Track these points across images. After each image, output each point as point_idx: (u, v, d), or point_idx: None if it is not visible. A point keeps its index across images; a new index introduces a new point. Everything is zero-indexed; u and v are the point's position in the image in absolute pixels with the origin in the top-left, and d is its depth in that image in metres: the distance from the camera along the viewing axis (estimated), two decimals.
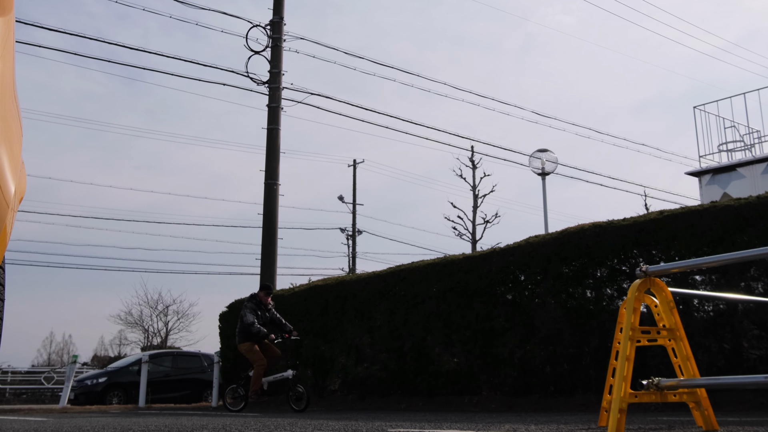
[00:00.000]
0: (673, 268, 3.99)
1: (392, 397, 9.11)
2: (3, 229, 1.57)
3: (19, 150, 1.79)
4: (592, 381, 6.95)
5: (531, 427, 4.36)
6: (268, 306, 9.13)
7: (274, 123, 15.21)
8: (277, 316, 9.15)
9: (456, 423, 5.09)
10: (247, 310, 8.89)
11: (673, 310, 3.64)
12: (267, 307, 9.10)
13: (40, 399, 22.17)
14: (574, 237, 7.43)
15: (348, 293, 10.06)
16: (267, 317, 9.04)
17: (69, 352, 43.65)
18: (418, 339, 8.84)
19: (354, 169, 32.52)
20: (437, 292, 8.76)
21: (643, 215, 7.20)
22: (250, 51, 15.25)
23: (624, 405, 3.31)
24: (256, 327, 8.69)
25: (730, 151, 13.50)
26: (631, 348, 3.44)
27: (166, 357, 16.55)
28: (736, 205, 6.37)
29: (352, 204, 32.18)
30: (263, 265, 14.71)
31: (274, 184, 15.00)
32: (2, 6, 1.54)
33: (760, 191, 7.55)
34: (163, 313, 37.64)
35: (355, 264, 31.63)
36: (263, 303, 9.08)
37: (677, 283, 6.44)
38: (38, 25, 13.35)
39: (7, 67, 1.60)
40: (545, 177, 13.71)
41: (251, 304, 8.95)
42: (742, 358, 6.15)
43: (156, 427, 5.23)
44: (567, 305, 7.35)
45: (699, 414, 3.62)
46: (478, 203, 26.03)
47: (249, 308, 8.89)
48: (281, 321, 9.12)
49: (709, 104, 13.64)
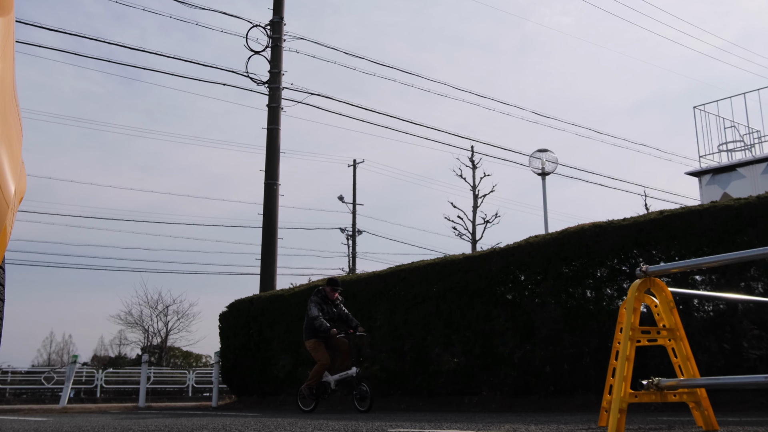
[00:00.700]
0: (673, 268, 3.99)
1: (392, 397, 9.11)
2: (3, 229, 1.57)
3: (19, 150, 1.79)
4: (592, 381, 6.95)
5: (531, 427, 4.36)
6: (335, 301, 8.67)
7: (274, 123, 15.21)
8: (345, 312, 8.68)
9: (456, 423, 5.09)
10: (311, 303, 8.50)
11: (673, 310, 3.64)
12: (334, 303, 8.65)
13: (40, 399, 22.17)
14: (574, 237, 7.43)
15: (348, 293, 10.05)
16: (334, 312, 8.58)
17: (69, 352, 43.70)
18: (418, 339, 8.84)
19: (354, 169, 32.54)
20: (437, 292, 8.76)
21: (643, 215, 7.19)
22: (250, 51, 15.26)
23: (624, 405, 3.31)
24: (320, 321, 8.23)
25: (730, 151, 13.50)
26: (631, 348, 3.44)
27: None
28: (736, 205, 6.37)
29: (352, 204, 32.21)
30: (263, 265, 14.71)
31: (274, 184, 15.00)
32: (2, 6, 1.54)
33: (760, 191, 7.55)
34: (163, 313, 37.69)
35: (355, 264, 31.65)
36: (329, 298, 8.61)
37: (677, 283, 6.44)
38: (37, 25, 13.37)
39: (7, 67, 1.60)
40: (545, 177, 13.71)
41: (316, 298, 8.54)
42: (742, 358, 6.15)
43: (156, 427, 5.23)
44: (567, 305, 7.35)
45: (699, 414, 3.62)
46: (478, 203, 26.04)
47: (314, 302, 8.49)
48: (348, 316, 8.61)
49: (709, 104, 13.65)
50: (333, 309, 8.57)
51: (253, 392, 11.77)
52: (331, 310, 8.54)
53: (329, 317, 8.42)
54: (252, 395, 11.80)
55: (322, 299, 8.54)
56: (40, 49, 19.91)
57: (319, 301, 8.50)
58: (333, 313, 8.54)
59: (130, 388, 25.00)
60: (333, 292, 8.62)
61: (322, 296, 8.57)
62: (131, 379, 26.28)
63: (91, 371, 26.78)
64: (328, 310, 8.50)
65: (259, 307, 11.76)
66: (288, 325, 10.98)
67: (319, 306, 8.44)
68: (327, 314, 8.43)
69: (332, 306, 8.59)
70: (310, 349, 8.41)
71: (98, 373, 24.80)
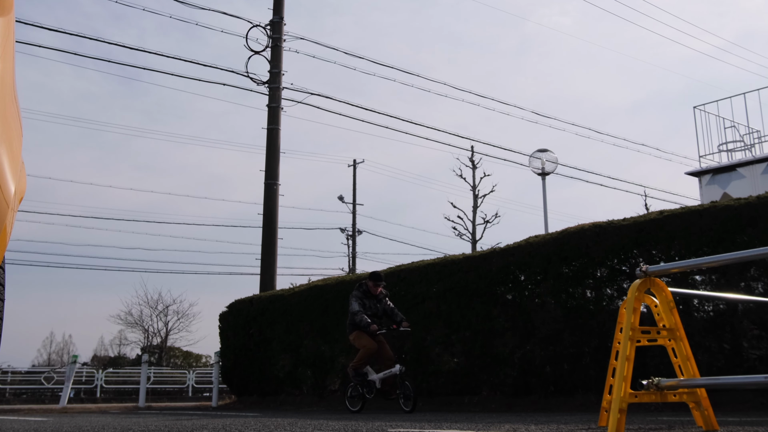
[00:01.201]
0: (673, 268, 3.99)
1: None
2: (3, 229, 1.57)
3: (19, 150, 1.79)
4: (592, 381, 6.95)
5: (531, 427, 4.36)
6: (378, 296, 8.21)
7: (274, 123, 15.21)
8: (390, 306, 8.22)
9: (456, 423, 5.09)
10: (352, 298, 8.15)
11: (673, 310, 3.64)
12: (378, 298, 8.20)
13: (40, 399, 22.17)
14: (574, 237, 7.43)
15: (348, 293, 10.05)
16: (377, 308, 8.15)
17: (69, 352, 43.73)
18: (418, 339, 8.83)
19: (354, 169, 32.54)
20: (437, 292, 8.76)
21: (643, 215, 7.19)
22: (250, 51, 15.26)
23: (624, 405, 3.31)
24: (360, 316, 7.87)
25: (730, 151, 13.50)
26: (631, 348, 3.44)
27: None
28: (736, 205, 6.37)
29: (352, 204, 32.20)
30: (263, 265, 14.71)
31: (274, 184, 15.00)
32: (2, 6, 1.54)
33: (760, 191, 7.55)
34: (163, 313, 37.70)
35: (355, 264, 31.65)
36: (372, 293, 8.17)
37: (677, 283, 6.44)
38: (36, 25, 13.36)
39: (7, 67, 1.60)
40: (545, 177, 13.71)
41: (358, 293, 8.16)
42: (742, 358, 6.15)
43: (156, 427, 5.23)
44: (567, 305, 7.35)
45: (699, 414, 3.62)
46: (478, 203, 26.04)
47: (355, 297, 8.13)
48: (393, 311, 8.15)
49: (709, 104, 13.65)
50: (376, 304, 8.18)
51: (253, 392, 11.77)
52: (374, 305, 8.16)
53: (372, 313, 8.07)
54: (252, 395, 11.80)
55: (363, 294, 8.17)
56: (38, 49, 19.92)
57: (360, 296, 8.14)
58: (376, 308, 8.15)
59: (130, 388, 25.00)
60: (375, 286, 8.18)
61: (363, 291, 8.19)
62: (131, 379, 26.29)
63: (91, 371, 26.78)
64: (371, 305, 8.12)
65: (259, 307, 11.76)
66: (288, 325, 10.98)
67: (360, 301, 8.08)
68: (369, 309, 8.07)
69: (375, 301, 8.20)
70: (353, 340, 8.10)
71: (98, 373, 24.80)
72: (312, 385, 10.55)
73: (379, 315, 8.16)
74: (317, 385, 10.39)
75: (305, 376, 10.58)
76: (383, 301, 8.24)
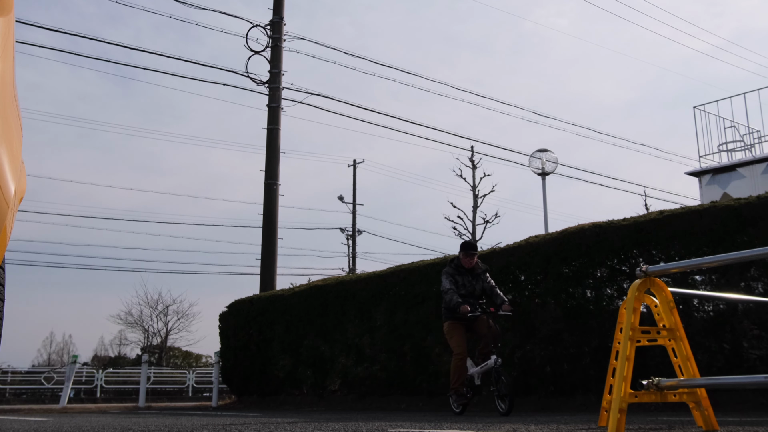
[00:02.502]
0: (673, 268, 3.99)
1: (392, 397, 9.11)
2: (3, 229, 1.57)
3: (19, 150, 1.79)
4: (592, 381, 6.95)
5: (531, 427, 4.36)
6: (475, 271, 6.85)
7: (274, 123, 15.21)
8: (490, 284, 6.84)
9: (456, 423, 5.09)
10: (443, 276, 6.85)
11: (673, 310, 3.64)
12: (474, 273, 6.84)
13: (40, 399, 22.17)
14: (574, 237, 7.43)
15: (348, 293, 10.05)
16: (474, 286, 6.77)
17: (69, 352, 43.72)
18: (418, 339, 8.84)
19: (354, 169, 32.53)
20: (437, 292, 8.76)
21: (643, 215, 7.20)
22: (251, 51, 15.26)
23: (624, 405, 3.31)
24: (449, 295, 6.60)
25: (730, 151, 13.50)
26: (631, 348, 3.44)
27: None
28: (736, 205, 6.37)
29: (352, 204, 32.20)
30: (263, 265, 14.71)
31: (274, 184, 15.00)
32: (2, 6, 1.54)
33: (760, 191, 7.55)
34: (163, 313, 37.69)
35: (355, 264, 31.64)
36: (465, 266, 6.82)
37: (677, 283, 6.44)
38: (34, 24, 13.36)
39: (7, 67, 1.60)
40: (545, 177, 13.71)
41: (449, 269, 6.86)
42: (742, 358, 6.15)
43: (156, 427, 5.23)
44: (567, 305, 7.35)
45: (699, 414, 3.62)
46: (478, 203, 26.03)
47: (446, 274, 6.83)
48: (494, 290, 6.80)
49: (709, 104, 13.65)
50: (472, 281, 6.79)
51: (253, 392, 11.77)
52: (468, 282, 6.77)
53: (466, 292, 6.71)
54: (252, 395, 11.80)
55: (455, 269, 6.84)
56: (34, 48, 19.89)
57: (451, 272, 6.81)
58: (472, 286, 6.77)
59: (130, 388, 25.00)
60: (468, 257, 6.81)
61: (455, 266, 6.87)
62: (131, 379, 26.28)
63: (91, 371, 26.78)
64: (464, 282, 6.76)
65: (259, 307, 11.76)
66: (288, 325, 10.98)
67: (452, 278, 6.76)
68: (463, 288, 6.72)
69: (471, 277, 6.80)
70: (446, 334, 6.81)
71: (98, 373, 24.80)
72: (312, 385, 10.55)
73: (476, 295, 6.78)
74: (317, 385, 10.39)
75: (305, 376, 10.58)
76: (482, 277, 6.85)
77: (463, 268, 6.82)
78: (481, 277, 6.84)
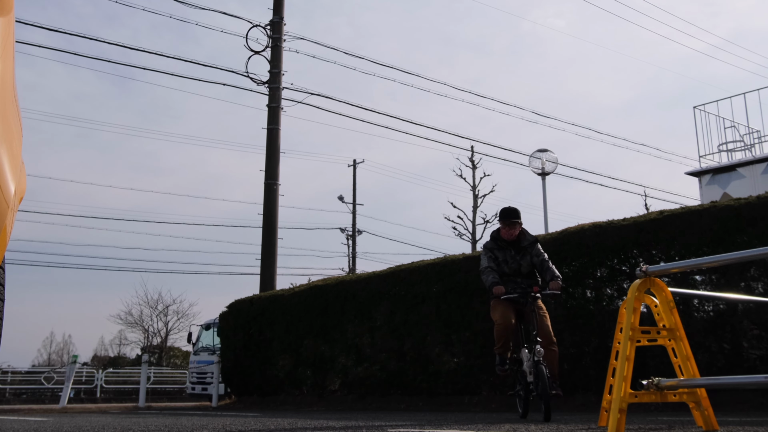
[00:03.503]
0: (673, 268, 3.99)
1: (392, 397, 9.10)
2: (3, 229, 1.57)
3: (19, 150, 1.79)
4: (592, 381, 6.95)
5: (531, 427, 4.36)
6: (520, 243, 5.75)
7: (274, 123, 15.22)
8: (540, 259, 5.72)
9: (456, 423, 5.09)
10: (482, 251, 5.92)
11: (673, 310, 3.64)
12: (518, 246, 5.75)
13: (40, 399, 22.17)
14: (574, 237, 7.43)
15: (348, 293, 10.05)
16: (519, 262, 5.72)
17: (69, 352, 43.78)
18: (418, 339, 8.83)
19: (354, 169, 32.52)
20: (437, 292, 8.76)
21: (643, 215, 7.20)
22: (251, 51, 15.26)
23: (624, 405, 3.31)
24: (485, 274, 5.67)
25: (730, 151, 13.49)
26: (631, 348, 3.44)
27: None
28: (736, 205, 6.37)
29: (352, 204, 32.18)
30: (263, 265, 14.71)
31: (274, 184, 15.01)
32: (2, 6, 1.54)
33: (760, 191, 7.55)
34: (163, 313, 37.69)
35: (355, 264, 31.63)
36: (506, 239, 5.77)
37: (677, 283, 6.44)
38: (32, 24, 13.35)
39: (7, 67, 1.60)
40: (545, 177, 13.70)
41: (489, 242, 5.90)
42: (742, 358, 6.15)
43: (156, 427, 5.22)
44: (567, 305, 7.35)
45: (699, 414, 3.62)
46: (478, 203, 26.04)
47: (484, 249, 5.87)
48: (543, 264, 5.69)
49: (709, 104, 13.64)
50: (515, 256, 5.73)
51: (253, 392, 11.77)
52: (511, 257, 5.73)
53: (510, 270, 5.71)
54: (252, 395, 11.80)
55: (495, 243, 5.84)
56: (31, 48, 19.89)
57: (490, 247, 5.84)
58: (516, 262, 5.72)
59: (130, 388, 24.99)
60: (509, 227, 5.73)
61: (494, 238, 5.89)
62: (131, 379, 26.29)
63: (91, 371, 26.79)
64: (506, 257, 5.73)
65: (259, 307, 11.76)
66: (288, 325, 10.98)
67: (491, 253, 5.77)
68: (504, 264, 5.72)
69: (514, 251, 5.75)
70: (491, 312, 5.77)
71: (98, 373, 24.80)
72: (312, 385, 10.55)
73: (523, 273, 5.73)
74: (317, 385, 10.39)
75: (305, 376, 10.58)
76: (529, 250, 5.75)
77: (504, 241, 5.77)
78: (529, 251, 5.73)
